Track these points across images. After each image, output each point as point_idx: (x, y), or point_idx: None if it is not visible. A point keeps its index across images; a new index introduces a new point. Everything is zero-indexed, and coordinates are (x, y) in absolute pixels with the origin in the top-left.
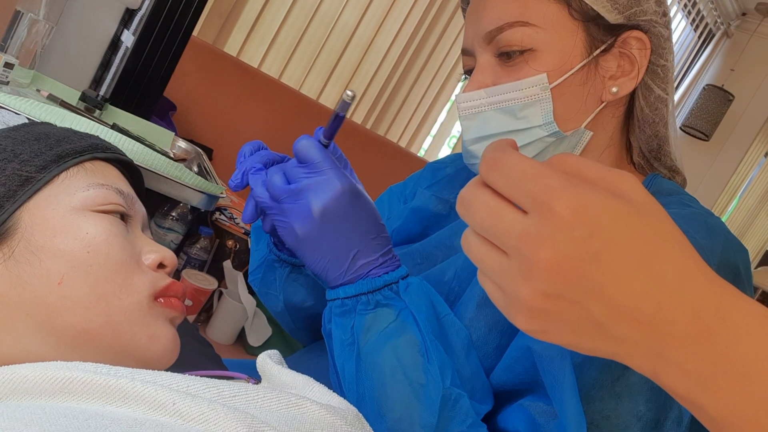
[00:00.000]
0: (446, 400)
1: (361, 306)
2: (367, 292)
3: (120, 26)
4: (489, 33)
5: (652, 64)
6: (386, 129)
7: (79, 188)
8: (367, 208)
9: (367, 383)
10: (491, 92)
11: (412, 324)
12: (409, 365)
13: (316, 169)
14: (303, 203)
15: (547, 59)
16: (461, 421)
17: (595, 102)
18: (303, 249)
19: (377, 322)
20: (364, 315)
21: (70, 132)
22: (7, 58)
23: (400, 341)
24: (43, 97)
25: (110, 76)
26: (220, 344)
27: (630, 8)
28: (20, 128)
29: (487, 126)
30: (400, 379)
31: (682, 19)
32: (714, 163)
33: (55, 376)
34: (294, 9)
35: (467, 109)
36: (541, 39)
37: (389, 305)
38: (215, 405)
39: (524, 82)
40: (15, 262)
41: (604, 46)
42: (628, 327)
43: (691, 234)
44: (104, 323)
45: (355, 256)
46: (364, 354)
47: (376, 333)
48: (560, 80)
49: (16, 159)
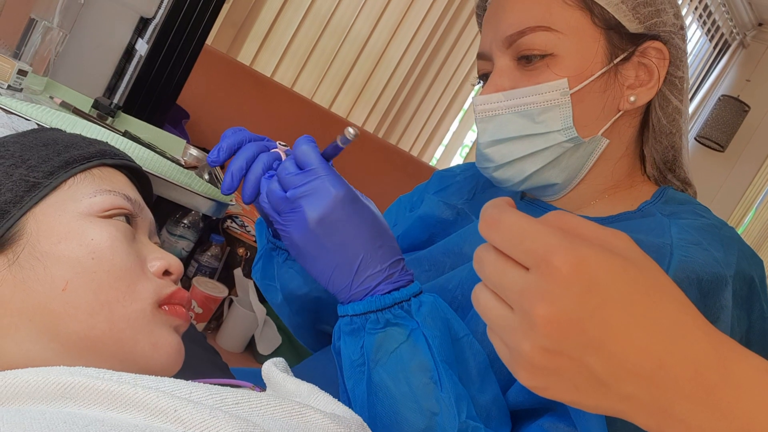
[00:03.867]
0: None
1: (370, 325)
2: (376, 310)
3: (134, 35)
4: (510, 36)
5: (670, 75)
6: (398, 138)
7: (86, 194)
8: (367, 214)
9: (379, 408)
10: (510, 95)
11: (424, 346)
12: (421, 393)
13: (312, 176)
14: (299, 213)
15: (568, 65)
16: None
17: (612, 110)
18: (305, 259)
19: (387, 342)
20: (373, 335)
21: (78, 138)
22: (20, 65)
23: (411, 365)
24: (56, 104)
25: (124, 84)
26: (229, 352)
27: (651, 19)
28: (29, 134)
29: (504, 129)
30: (411, 407)
31: (698, 29)
32: (730, 174)
33: (56, 381)
34: (307, 19)
35: (484, 112)
36: (562, 44)
37: (399, 324)
38: (217, 412)
39: (545, 86)
40: (19, 268)
41: (624, 55)
42: (630, 383)
43: (705, 246)
44: (107, 330)
45: (359, 268)
46: (375, 377)
47: (386, 354)
48: (581, 86)
49: (24, 164)
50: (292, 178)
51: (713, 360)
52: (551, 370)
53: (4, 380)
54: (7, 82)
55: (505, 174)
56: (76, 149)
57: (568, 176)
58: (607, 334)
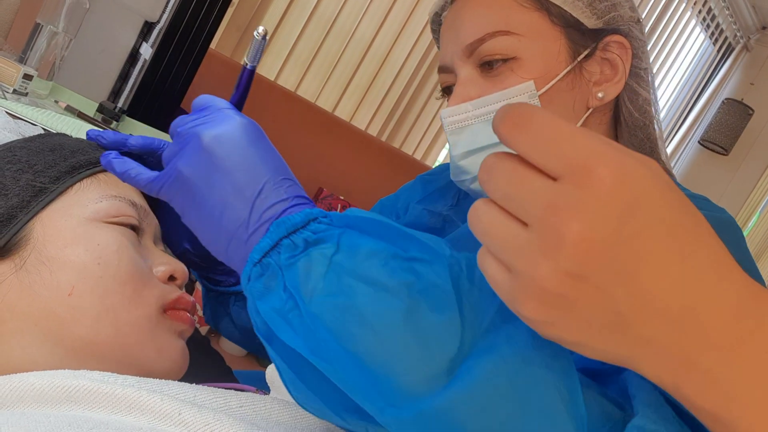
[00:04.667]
0: (454, 268)
1: (286, 254)
2: (288, 234)
3: (139, 39)
4: (470, 45)
5: (635, 67)
6: (401, 141)
7: (92, 200)
8: (274, 150)
9: (347, 340)
10: (478, 104)
11: (364, 239)
12: (385, 275)
13: (212, 111)
14: (190, 138)
15: (532, 67)
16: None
17: (582, 108)
18: (192, 197)
19: (314, 265)
20: (294, 264)
21: (84, 143)
22: (26, 69)
23: (355, 266)
24: (61, 108)
25: (128, 88)
26: (233, 356)
27: (608, 13)
28: (35, 139)
29: (476, 139)
30: (383, 298)
31: (701, 32)
32: (733, 178)
33: (61, 385)
34: (311, 22)
35: (454, 124)
36: (524, 47)
37: (323, 239)
38: (220, 415)
39: (512, 90)
40: (26, 273)
41: (587, 51)
42: (655, 325)
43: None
44: (112, 335)
45: (260, 194)
46: (315, 307)
47: (318, 279)
48: (548, 87)
49: (31, 170)
50: (186, 118)
51: (750, 309)
52: (567, 301)
53: (9, 384)
54: (12, 86)
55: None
56: (83, 154)
57: None
58: (641, 265)
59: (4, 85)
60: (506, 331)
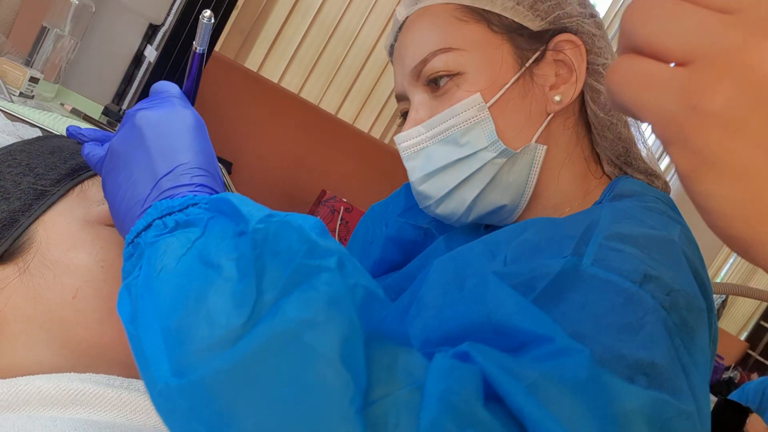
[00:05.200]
0: (257, 236)
1: (154, 232)
2: (163, 215)
3: (143, 41)
4: (415, 68)
5: (592, 64)
6: None
7: (94, 202)
8: (210, 147)
9: (165, 315)
10: (429, 125)
11: (230, 224)
12: (224, 260)
13: (159, 97)
14: (128, 117)
15: (476, 79)
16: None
17: (541, 115)
18: (115, 165)
19: (175, 245)
20: (155, 242)
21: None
22: (32, 72)
23: (213, 248)
24: (67, 111)
25: (133, 91)
26: None
27: (552, 12)
28: (35, 141)
29: (432, 161)
30: (212, 278)
31: None
32: None
33: (68, 388)
34: (314, 26)
35: (408, 149)
36: (467, 60)
37: (194, 222)
38: None
39: (459, 106)
40: (30, 276)
41: (536, 55)
42: None
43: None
44: (117, 337)
45: (169, 174)
46: (160, 283)
47: (173, 259)
48: (496, 97)
49: (32, 173)
50: (137, 105)
51: None
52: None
53: (16, 386)
54: (19, 89)
55: (447, 208)
56: (82, 156)
57: (514, 194)
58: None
59: (10, 88)
60: (292, 298)
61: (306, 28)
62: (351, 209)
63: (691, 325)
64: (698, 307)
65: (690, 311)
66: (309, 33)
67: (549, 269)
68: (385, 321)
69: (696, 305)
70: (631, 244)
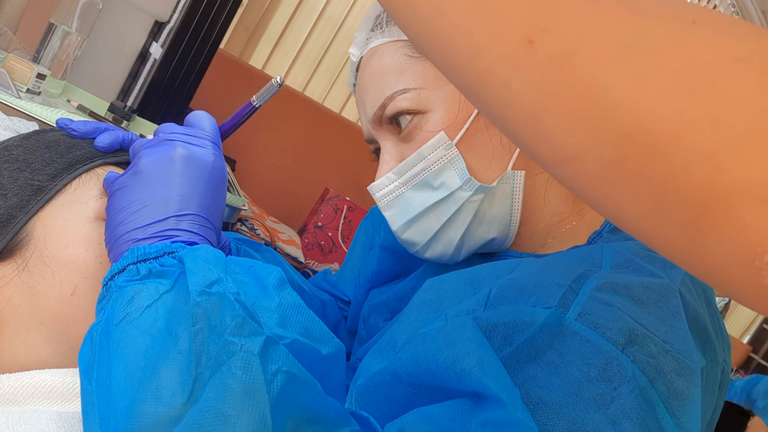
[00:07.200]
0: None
1: (125, 277)
2: (137, 261)
3: (149, 38)
4: (375, 115)
5: None
6: None
7: (92, 197)
8: (222, 201)
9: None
10: (399, 171)
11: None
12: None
13: (198, 134)
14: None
15: (438, 117)
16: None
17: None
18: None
19: (143, 294)
20: (124, 288)
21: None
22: (39, 69)
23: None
24: (73, 108)
25: (138, 88)
26: None
27: None
28: (31, 136)
29: (410, 207)
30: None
31: None
32: None
33: (73, 382)
34: (319, 24)
35: (384, 198)
36: (426, 98)
37: (165, 274)
38: None
39: (426, 148)
40: (29, 273)
41: None
42: None
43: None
44: None
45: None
46: (119, 333)
47: (138, 309)
48: (461, 132)
49: (28, 168)
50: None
51: None
52: None
53: (20, 381)
54: (26, 85)
55: (436, 251)
56: (79, 149)
57: (500, 226)
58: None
59: (18, 84)
60: (213, 382)
61: (311, 26)
62: (354, 208)
63: (681, 391)
64: (691, 368)
65: (680, 374)
66: (314, 31)
67: (531, 320)
68: (314, 402)
69: (688, 366)
70: (623, 295)
